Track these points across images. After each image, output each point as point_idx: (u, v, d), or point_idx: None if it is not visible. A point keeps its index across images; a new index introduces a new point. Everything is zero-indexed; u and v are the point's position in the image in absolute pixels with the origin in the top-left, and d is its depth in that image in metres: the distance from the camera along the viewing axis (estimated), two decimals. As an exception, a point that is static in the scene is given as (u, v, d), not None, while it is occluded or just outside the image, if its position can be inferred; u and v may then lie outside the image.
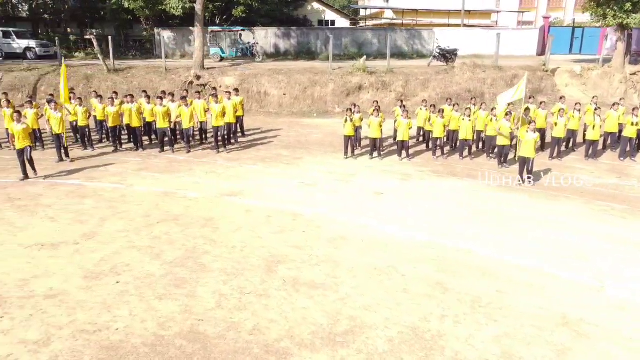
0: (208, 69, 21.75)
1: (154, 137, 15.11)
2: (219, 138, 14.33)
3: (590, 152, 13.93)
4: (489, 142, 13.80)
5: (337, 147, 14.63)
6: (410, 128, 13.55)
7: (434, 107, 14.49)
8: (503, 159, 13.13)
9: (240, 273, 7.17)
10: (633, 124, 13.43)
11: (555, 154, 13.94)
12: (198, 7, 20.82)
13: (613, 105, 14.47)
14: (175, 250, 7.87)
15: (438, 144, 14.00)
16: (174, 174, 12.03)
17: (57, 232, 8.51)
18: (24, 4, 32.48)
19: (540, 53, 26.92)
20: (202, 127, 15.12)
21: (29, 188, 10.83)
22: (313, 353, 5.45)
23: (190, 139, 14.54)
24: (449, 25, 34.30)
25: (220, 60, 24.90)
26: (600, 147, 14.58)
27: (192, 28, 24.69)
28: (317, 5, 40.08)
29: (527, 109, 13.40)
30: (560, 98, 15.25)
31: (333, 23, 40.46)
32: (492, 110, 13.45)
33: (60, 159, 13.04)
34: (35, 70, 21.40)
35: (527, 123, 11.92)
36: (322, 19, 40.39)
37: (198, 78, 20.84)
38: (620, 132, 14.32)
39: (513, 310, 6.34)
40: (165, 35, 27.28)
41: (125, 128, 14.63)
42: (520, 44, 26.96)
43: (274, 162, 13.37)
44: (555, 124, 13.52)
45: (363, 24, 45.50)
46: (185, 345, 5.53)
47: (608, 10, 19.35)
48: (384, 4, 41.66)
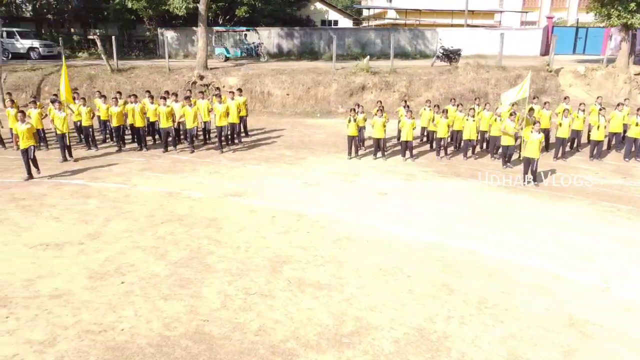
0: (211, 69, 21.76)
1: (158, 137, 15.13)
2: (223, 138, 14.34)
3: (595, 152, 13.88)
4: (493, 142, 13.77)
5: (340, 147, 14.61)
6: (414, 128, 13.55)
7: (438, 107, 14.50)
8: (507, 159, 13.10)
9: (245, 273, 7.17)
10: (637, 125, 13.39)
11: (560, 155, 13.89)
12: (201, 7, 20.85)
13: (617, 106, 14.41)
14: (180, 251, 7.87)
15: (442, 144, 13.96)
16: (178, 174, 12.04)
17: (61, 232, 8.52)
18: (28, 4, 32.55)
19: (544, 53, 26.87)
20: (205, 127, 15.14)
21: (33, 188, 10.85)
22: (319, 354, 5.44)
23: (194, 139, 14.57)
24: (452, 25, 34.26)
25: (225, 60, 24.91)
26: (605, 147, 14.54)
27: (195, 28, 24.69)
28: (320, 5, 40.12)
29: (531, 109, 13.38)
30: (565, 98, 15.19)
31: (336, 23, 40.48)
32: (496, 110, 13.41)
33: (64, 159, 13.08)
34: (39, 70, 21.47)
35: (531, 123, 11.88)
36: (325, 19, 40.43)
37: (201, 78, 20.86)
38: (625, 132, 14.27)
39: (519, 311, 6.32)
40: (169, 35, 27.29)
41: (129, 128, 14.67)
42: (524, 44, 26.85)
43: (278, 162, 13.37)
44: (560, 124, 13.48)
45: (366, 24, 45.47)
46: (191, 346, 5.53)
47: (612, 10, 19.26)
48: (387, 4, 41.59)
